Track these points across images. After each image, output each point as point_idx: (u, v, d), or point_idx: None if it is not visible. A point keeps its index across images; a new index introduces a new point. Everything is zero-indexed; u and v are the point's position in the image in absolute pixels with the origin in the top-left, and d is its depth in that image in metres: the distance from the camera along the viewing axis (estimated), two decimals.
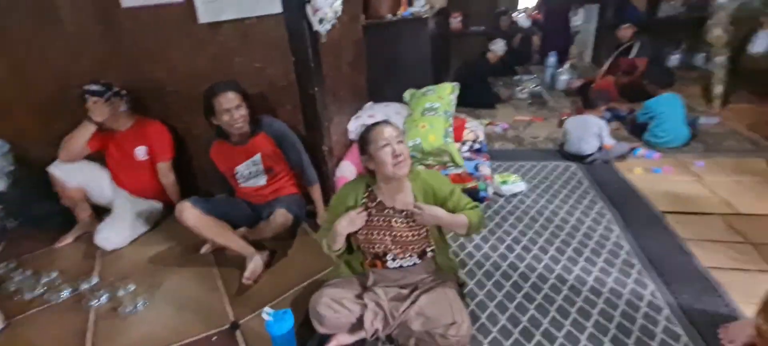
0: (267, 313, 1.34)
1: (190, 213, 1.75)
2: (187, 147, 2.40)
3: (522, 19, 7.35)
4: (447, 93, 2.86)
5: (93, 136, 2.17)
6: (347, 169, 2.46)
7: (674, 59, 4.95)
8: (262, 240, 1.95)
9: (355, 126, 2.76)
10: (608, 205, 2.20)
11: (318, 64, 2.09)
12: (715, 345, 1.31)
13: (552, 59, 4.94)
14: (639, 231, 1.95)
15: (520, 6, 8.56)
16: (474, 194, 2.30)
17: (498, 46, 4.19)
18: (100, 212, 2.34)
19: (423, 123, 2.66)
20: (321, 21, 1.92)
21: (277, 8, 1.91)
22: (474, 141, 2.79)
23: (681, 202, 2.18)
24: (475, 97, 4.01)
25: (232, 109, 1.77)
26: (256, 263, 1.79)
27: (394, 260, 1.42)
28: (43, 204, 2.48)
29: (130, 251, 2.15)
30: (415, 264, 1.42)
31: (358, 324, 1.35)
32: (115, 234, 2.12)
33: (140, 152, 2.19)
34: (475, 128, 2.87)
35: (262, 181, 1.96)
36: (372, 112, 2.87)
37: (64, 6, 2.15)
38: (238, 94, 1.80)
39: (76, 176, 2.16)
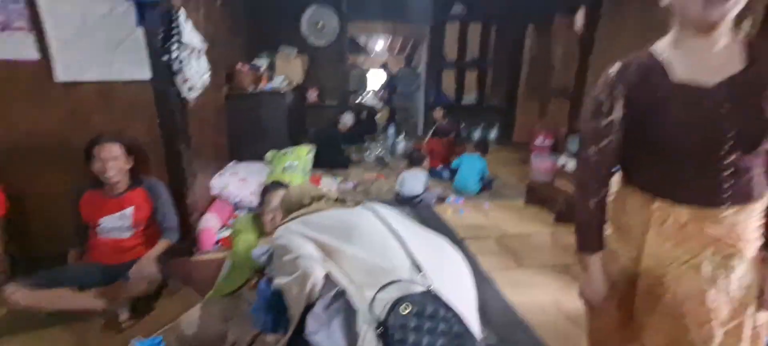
0: (138, 340, 1.46)
1: (19, 295, 1.68)
2: (24, 207, 2.19)
3: (369, 98, 8.71)
4: (304, 154, 3.37)
5: None
6: (211, 221, 2.64)
7: (476, 134, 6.67)
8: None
9: (218, 183, 2.96)
10: None
11: (185, 126, 2.33)
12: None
13: (391, 130, 6.05)
14: None
15: (369, 86, 10.10)
16: None
17: (346, 119, 5.01)
18: None
19: (283, 179, 3.06)
20: (190, 89, 2.22)
21: (145, 75, 2.13)
22: None
23: (473, 230, 3.09)
24: (331, 159, 4.64)
25: (108, 159, 1.81)
26: (122, 307, 1.81)
27: None
28: None
29: None
30: None
31: None
32: None
33: None
34: (329, 184, 3.40)
35: (127, 234, 1.95)
36: (235, 170, 3.13)
37: None
38: (122, 147, 1.86)
39: None
